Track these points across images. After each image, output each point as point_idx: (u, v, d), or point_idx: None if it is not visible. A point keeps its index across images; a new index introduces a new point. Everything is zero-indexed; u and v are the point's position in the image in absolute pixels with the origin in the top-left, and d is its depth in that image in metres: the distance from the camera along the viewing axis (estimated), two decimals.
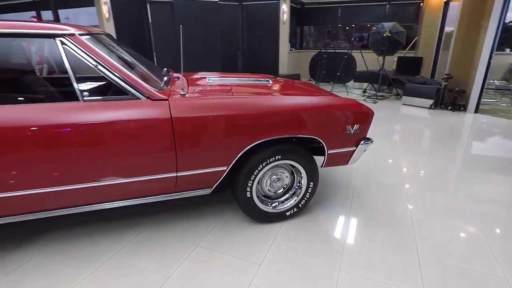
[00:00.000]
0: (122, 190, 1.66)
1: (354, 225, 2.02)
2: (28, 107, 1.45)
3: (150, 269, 1.62)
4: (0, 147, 1.38)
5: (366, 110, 1.99)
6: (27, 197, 1.50)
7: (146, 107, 1.57)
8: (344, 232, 1.94)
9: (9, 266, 1.64)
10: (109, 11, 5.75)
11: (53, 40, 1.49)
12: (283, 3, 7.06)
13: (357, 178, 2.70)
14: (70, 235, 1.89)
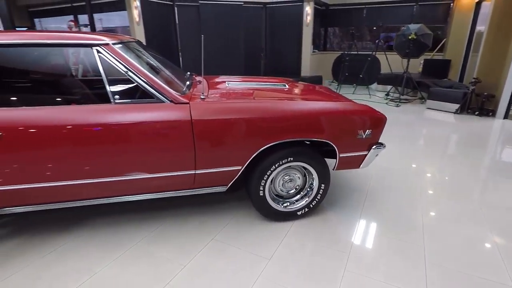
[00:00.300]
0: (146, 184, 1.83)
1: (363, 227, 2.07)
2: (68, 108, 1.65)
3: (168, 257, 1.78)
4: (45, 143, 1.58)
5: (379, 116, 2.04)
6: (66, 187, 1.70)
7: (169, 109, 1.73)
8: (353, 234, 2.00)
9: (45, 249, 1.86)
10: (139, 15, 6.07)
11: (90, 49, 1.68)
12: (307, 5, 7.09)
13: (372, 181, 2.73)
14: (98, 224, 2.09)
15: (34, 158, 1.60)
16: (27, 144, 1.57)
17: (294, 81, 3.15)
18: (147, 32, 6.31)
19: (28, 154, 1.59)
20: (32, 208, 1.76)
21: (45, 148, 1.60)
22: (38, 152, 1.60)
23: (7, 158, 1.58)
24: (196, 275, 1.65)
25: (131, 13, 5.96)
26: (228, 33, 7.29)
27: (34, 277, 1.64)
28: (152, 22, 6.39)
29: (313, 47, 7.72)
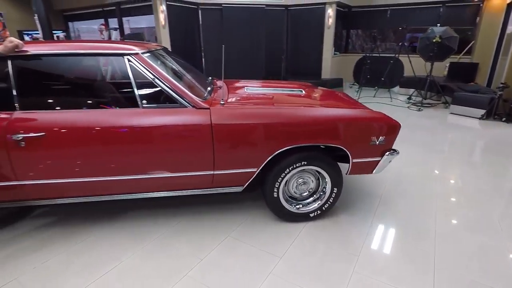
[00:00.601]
0: (169, 183, 1.98)
1: (375, 231, 2.12)
2: (101, 112, 1.83)
3: (187, 251, 1.92)
4: (81, 143, 1.77)
5: (393, 123, 2.08)
6: (97, 183, 1.88)
7: (191, 114, 1.87)
8: (364, 237, 2.06)
9: (78, 238, 2.05)
10: (165, 19, 6.34)
11: (122, 58, 1.85)
12: (329, 8, 7.09)
13: (387, 186, 2.76)
14: (127, 217, 2.27)
15: (71, 156, 1.79)
16: (66, 143, 1.76)
17: (311, 85, 3.22)
18: (172, 35, 6.57)
19: (66, 152, 1.78)
20: (67, 201, 1.96)
21: (81, 147, 1.79)
22: (75, 151, 1.79)
23: (48, 155, 1.77)
24: (211, 269, 1.77)
25: (158, 17, 6.23)
26: (249, 36, 7.43)
27: (68, 262, 1.82)
28: (177, 25, 6.64)
29: (335, 49, 7.69)
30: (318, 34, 7.41)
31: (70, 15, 7.90)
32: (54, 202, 1.95)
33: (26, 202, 1.93)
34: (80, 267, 1.79)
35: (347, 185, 2.74)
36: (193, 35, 7.28)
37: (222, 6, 7.11)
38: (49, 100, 1.89)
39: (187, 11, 6.92)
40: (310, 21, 7.45)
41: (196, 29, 7.29)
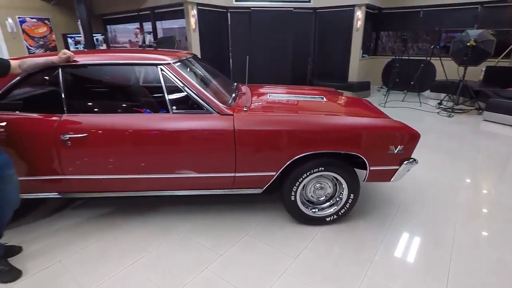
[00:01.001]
0: (194, 182, 2.15)
1: (391, 238, 2.15)
2: (137, 116, 2.03)
3: (207, 246, 2.07)
4: (119, 144, 1.97)
5: (412, 133, 2.10)
6: (132, 180, 2.08)
7: (216, 120, 2.01)
8: (379, 243, 2.10)
9: (113, 228, 2.27)
10: (196, 23, 6.59)
11: (156, 68, 2.03)
12: (358, 10, 7.00)
13: (407, 193, 2.75)
14: (152, 213, 2.47)
15: (109, 155, 2.01)
16: (105, 144, 1.98)
17: (335, 91, 3.27)
18: (202, 38, 6.82)
19: (104, 151, 2.00)
20: (104, 195, 2.18)
21: (118, 147, 1.99)
22: (112, 150, 2.00)
23: (89, 154, 2.00)
24: (230, 264, 1.91)
25: (189, 21, 6.50)
26: (277, 39, 7.52)
27: (102, 250, 2.04)
28: (206, 29, 6.88)
29: (363, 52, 7.58)
30: (346, 36, 7.34)
31: (108, 19, 8.42)
32: (93, 196, 2.19)
33: (69, 194, 2.18)
34: (114, 255, 2.00)
35: (366, 191, 2.78)
36: (222, 38, 7.49)
37: (251, 9, 7.25)
38: (92, 104, 2.12)
39: (216, 15, 7.14)
40: (338, 24, 7.40)
41: (225, 32, 7.50)
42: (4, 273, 1.79)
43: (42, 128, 1.95)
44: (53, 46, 7.76)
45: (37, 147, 1.98)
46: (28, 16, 7.24)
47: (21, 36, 7.20)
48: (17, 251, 1.98)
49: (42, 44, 7.57)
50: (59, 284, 1.76)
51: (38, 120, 1.97)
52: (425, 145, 3.96)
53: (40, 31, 7.49)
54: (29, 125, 1.97)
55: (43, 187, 2.12)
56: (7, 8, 6.89)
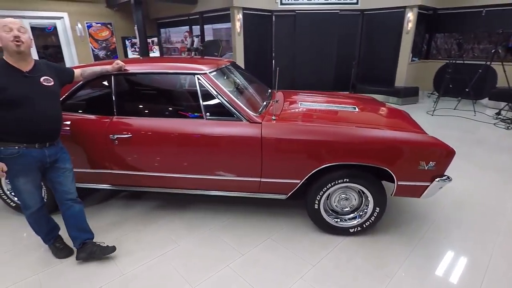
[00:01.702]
0: (222, 184, 2.29)
1: (415, 257, 2.08)
2: (174, 120, 2.23)
3: (231, 245, 2.20)
4: (157, 144, 2.19)
5: (446, 149, 2.01)
6: (166, 177, 2.30)
7: (245, 127, 2.13)
8: (402, 261, 2.05)
9: (149, 221, 2.52)
10: (241, 27, 6.80)
11: (193, 76, 2.21)
12: (409, 11, 6.64)
13: (443, 211, 2.61)
14: (184, 210, 2.67)
15: (149, 154, 2.24)
16: (145, 144, 2.21)
17: (372, 100, 3.20)
18: (246, 41, 7.02)
19: (145, 151, 2.23)
20: (144, 189, 2.43)
21: (156, 148, 2.22)
22: (151, 150, 2.23)
23: (132, 152, 2.25)
24: (250, 264, 2.02)
25: (234, 25, 6.74)
26: (321, 42, 7.45)
27: (138, 241, 2.28)
28: (251, 32, 7.06)
29: (413, 55, 7.18)
30: (394, 39, 7.01)
31: (162, 22, 9.05)
32: (136, 189, 2.45)
33: (117, 186, 2.46)
34: (149, 244, 2.23)
35: (398, 205, 2.69)
36: (265, 42, 7.62)
37: (296, 12, 7.27)
38: (136, 108, 2.37)
39: (261, 19, 7.28)
40: (387, 26, 7.09)
41: (269, 36, 7.62)
42: (59, 250, 2.10)
43: (96, 128, 2.25)
44: (113, 48, 8.57)
45: (92, 145, 2.28)
46: (94, 21, 8.09)
47: (88, 39, 8.07)
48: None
49: (104, 46, 8.40)
50: (100, 262, 2.03)
51: (93, 121, 2.27)
52: (474, 159, 3.69)
53: (103, 34, 8.32)
54: (86, 125, 2.28)
55: (97, 179, 2.43)
56: (78, 14, 7.77)
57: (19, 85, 1.74)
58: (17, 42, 1.71)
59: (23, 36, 1.74)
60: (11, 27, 1.70)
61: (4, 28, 1.69)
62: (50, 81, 1.89)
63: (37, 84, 1.83)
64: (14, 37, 1.69)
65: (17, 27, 1.72)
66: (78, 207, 2.06)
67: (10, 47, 1.71)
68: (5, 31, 1.69)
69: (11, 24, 1.70)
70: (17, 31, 1.71)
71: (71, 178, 2.04)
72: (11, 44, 1.70)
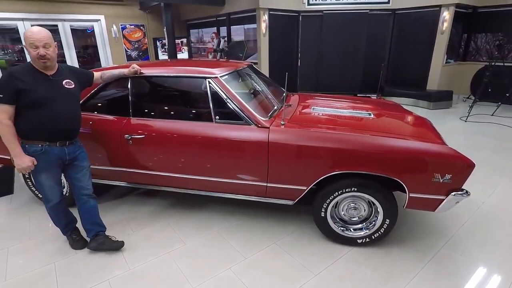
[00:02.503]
0: (230, 187, 2.32)
1: (426, 274, 1.97)
2: (183, 122, 2.28)
3: (236, 248, 2.22)
4: (168, 144, 2.27)
5: (464, 162, 1.88)
6: (175, 177, 2.37)
7: (253, 131, 2.14)
8: (411, 277, 1.95)
9: (160, 220, 2.61)
10: (266, 28, 6.81)
11: (204, 80, 2.26)
12: (445, 10, 6.26)
13: (464, 227, 2.44)
14: (194, 210, 2.74)
15: (160, 155, 2.32)
16: (157, 144, 2.29)
17: (395, 105, 3.07)
18: (271, 42, 7.02)
19: (157, 151, 2.32)
20: (155, 188, 2.53)
21: (166, 148, 2.29)
22: (162, 150, 2.31)
23: (144, 152, 2.34)
24: (251, 268, 2.03)
25: (260, 26, 6.75)
26: (349, 42, 7.25)
27: (148, 238, 2.37)
28: (276, 33, 7.05)
29: (448, 57, 6.76)
30: (428, 40, 6.64)
31: (191, 23, 9.28)
32: (146, 187, 2.55)
33: (132, 184, 2.58)
34: (157, 242, 2.31)
35: (414, 217, 2.56)
36: (291, 42, 7.56)
37: (323, 12, 7.14)
38: (149, 110, 2.46)
39: (287, 19, 7.23)
40: (420, 26, 6.74)
41: (295, 37, 7.55)
42: (75, 242, 2.25)
43: (113, 128, 2.37)
44: (144, 48, 8.95)
45: (110, 144, 2.40)
46: (128, 23, 8.49)
47: (121, 40, 8.49)
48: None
49: (136, 47, 8.80)
50: (110, 255, 2.14)
51: (111, 121, 2.40)
52: (509, 172, 3.41)
53: (136, 36, 8.72)
54: (105, 124, 2.41)
55: (113, 176, 2.56)
56: (113, 17, 8.20)
57: (43, 88, 1.88)
58: (43, 60, 1.84)
59: (48, 53, 1.85)
60: (37, 45, 1.80)
61: (30, 45, 1.81)
62: (71, 84, 2.02)
63: (59, 87, 1.96)
64: (40, 56, 1.82)
65: (42, 44, 1.82)
66: (93, 203, 2.19)
67: (37, 63, 1.86)
68: (31, 48, 1.81)
69: (37, 42, 1.80)
70: (42, 49, 1.81)
71: (88, 176, 2.17)
72: (37, 61, 1.84)
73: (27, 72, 1.87)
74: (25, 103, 1.84)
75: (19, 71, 1.85)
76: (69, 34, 7.86)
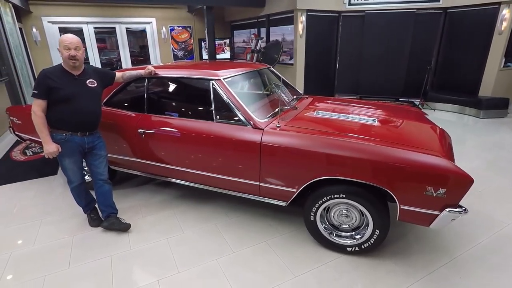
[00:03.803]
0: (227, 183, 2.44)
1: None
2: (188, 120, 2.47)
3: (228, 242, 2.34)
4: (174, 140, 2.47)
5: (460, 176, 1.75)
6: (178, 170, 2.56)
7: (248, 132, 2.23)
8: None
9: (167, 208, 2.83)
10: (303, 29, 6.78)
11: (209, 82, 2.41)
12: (505, 8, 5.60)
13: (475, 249, 2.24)
14: (198, 203, 2.91)
15: (166, 149, 2.54)
16: (164, 140, 2.51)
17: (416, 112, 2.91)
18: (308, 43, 6.97)
19: (163, 146, 2.54)
20: (162, 179, 2.76)
21: (171, 143, 2.50)
22: (168, 146, 2.52)
23: (154, 145, 2.58)
24: (236, 262, 2.13)
25: (296, 27, 6.76)
26: (392, 43, 6.88)
27: (153, 223, 2.61)
28: (314, 34, 6.98)
29: (507, 60, 6.03)
30: (483, 41, 6.01)
31: (234, 25, 9.59)
32: (156, 178, 2.80)
33: (145, 174, 2.85)
34: (160, 228, 2.53)
35: (418, 230, 2.42)
36: (330, 44, 7.41)
37: (365, 12, 6.87)
38: (159, 108, 2.68)
39: (326, 20, 7.11)
40: (475, 26, 6.11)
41: (334, 38, 7.38)
42: (93, 220, 2.57)
43: (129, 122, 2.65)
44: (190, 49, 9.50)
45: (127, 137, 2.69)
46: (176, 25, 9.09)
47: (169, 41, 9.13)
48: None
49: (183, 47, 9.38)
50: (120, 235, 2.41)
51: (128, 117, 2.68)
52: None
53: (183, 36, 9.30)
54: (123, 119, 2.70)
55: (129, 165, 2.86)
56: (163, 19, 8.85)
57: (70, 86, 2.20)
58: (73, 60, 2.16)
59: (78, 54, 2.17)
60: (69, 47, 2.13)
61: (64, 47, 2.14)
62: (94, 83, 2.33)
63: (83, 85, 2.27)
64: (71, 56, 2.14)
65: (74, 46, 2.14)
66: (108, 187, 2.49)
67: (67, 63, 2.18)
68: (64, 49, 2.14)
69: (70, 45, 2.13)
70: (73, 51, 2.14)
71: (104, 163, 2.47)
72: (68, 61, 2.16)
73: (58, 72, 2.20)
74: (54, 99, 2.17)
75: (51, 72, 2.19)
76: (124, 35, 8.70)
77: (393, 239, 2.35)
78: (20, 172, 3.62)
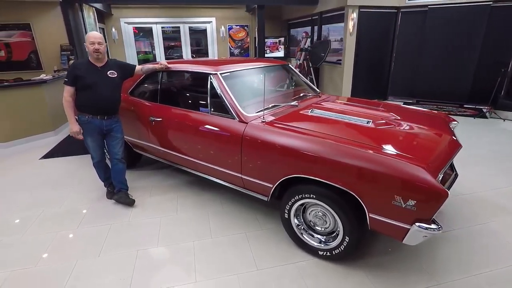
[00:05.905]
0: (215, 173, 2.57)
1: None
2: (188, 111, 2.66)
3: (211, 228, 2.48)
4: (176, 128, 2.70)
5: (429, 189, 1.56)
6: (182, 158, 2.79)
7: (234, 124, 2.32)
8: None
9: (170, 193, 3.09)
10: (354, 26, 6.46)
11: (208, 76, 2.56)
12: None
13: (476, 277, 1.94)
14: (204, 188, 3.09)
15: (169, 136, 2.78)
16: (169, 126, 2.76)
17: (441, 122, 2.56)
18: (359, 41, 6.60)
19: (168, 132, 2.79)
20: (167, 162, 3.02)
21: (173, 131, 2.73)
22: (170, 133, 2.76)
23: (161, 133, 2.85)
24: (209, 248, 2.25)
25: (347, 25, 6.46)
26: (458, 42, 6.07)
27: (156, 203, 2.88)
28: (366, 31, 6.58)
29: None
30: None
31: (291, 23, 9.58)
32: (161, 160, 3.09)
33: (156, 157, 3.16)
34: (160, 208, 2.80)
35: (413, 248, 2.19)
36: (384, 42, 6.87)
37: (428, 7, 6.19)
38: (167, 98, 2.94)
39: (381, 17, 6.61)
40: None
41: (389, 36, 6.83)
42: (109, 193, 2.97)
43: (144, 110, 2.97)
44: (246, 47, 9.83)
45: (141, 123, 3.02)
46: (234, 24, 9.51)
47: (227, 39, 9.60)
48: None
49: (239, 46, 9.77)
50: (126, 208, 2.75)
51: (144, 105, 3.01)
52: None
53: (240, 35, 9.68)
54: (141, 107, 3.04)
55: (144, 149, 3.20)
56: (222, 19, 9.36)
57: (93, 75, 2.59)
58: (97, 53, 2.55)
59: (101, 48, 2.56)
60: (93, 42, 2.53)
61: (90, 42, 2.54)
62: (114, 74, 2.69)
63: (104, 75, 2.64)
64: (95, 49, 2.53)
65: (98, 41, 2.54)
66: (121, 166, 2.85)
67: (92, 55, 2.58)
68: (90, 44, 2.54)
69: (94, 39, 2.53)
70: (97, 45, 2.53)
71: (120, 144, 2.84)
72: (93, 53, 2.56)
73: (84, 64, 2.61)
74: (80, 86, 2.59)
75: (79, 63, 2.62)
76: (187, 34, 9.46)
77: (377, 252, 2.18)
78: (75, 149, 4.33)
